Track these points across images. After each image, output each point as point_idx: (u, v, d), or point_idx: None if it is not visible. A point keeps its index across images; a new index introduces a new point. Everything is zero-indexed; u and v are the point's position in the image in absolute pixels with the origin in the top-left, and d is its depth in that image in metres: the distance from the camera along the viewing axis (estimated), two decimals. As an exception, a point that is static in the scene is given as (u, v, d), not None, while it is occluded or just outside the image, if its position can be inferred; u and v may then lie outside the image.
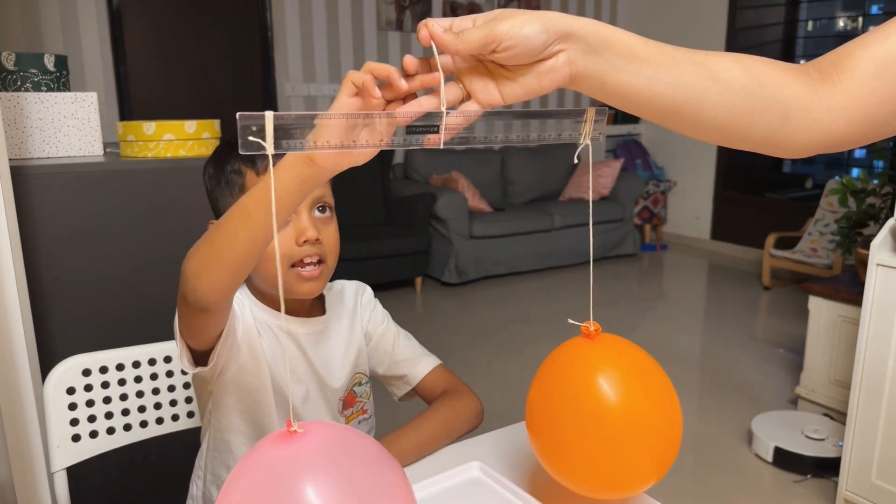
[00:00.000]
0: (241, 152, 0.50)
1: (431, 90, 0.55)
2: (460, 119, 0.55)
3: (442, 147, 0.56)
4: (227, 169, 0.89)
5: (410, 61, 0.53)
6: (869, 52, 0.56)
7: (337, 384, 0.98)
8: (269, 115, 0.50)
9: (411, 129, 0.55)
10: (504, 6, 5.21)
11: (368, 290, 1.08)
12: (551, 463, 0.72)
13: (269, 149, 0.51)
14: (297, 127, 0.52)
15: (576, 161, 0.65)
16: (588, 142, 0.61)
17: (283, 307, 0.55)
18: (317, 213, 0.89)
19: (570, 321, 0.72)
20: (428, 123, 0.55)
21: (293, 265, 0.87)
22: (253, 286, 0.95)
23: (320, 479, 0.49)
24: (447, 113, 0.55)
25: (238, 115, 0.49)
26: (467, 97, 0.56)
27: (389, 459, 0.56)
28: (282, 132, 0.51)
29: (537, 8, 5.39)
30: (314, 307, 0.99)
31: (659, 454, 0.69)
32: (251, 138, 0.50)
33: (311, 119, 0.52)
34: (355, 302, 1.04)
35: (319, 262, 0.89)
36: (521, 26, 0.50)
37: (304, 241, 0.85)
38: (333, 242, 0.90)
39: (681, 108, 0.56)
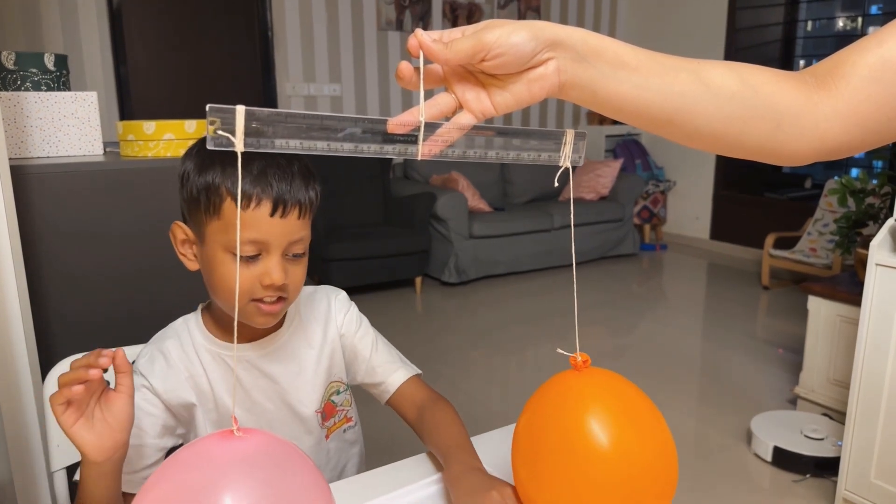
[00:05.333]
0: (207, 147, 0.48)
1: (429, 98, 0.56)
2: (455, 132, 0.55)
3: (420, 158, 0.56)
4: (209, 180, 0.80)
5: (405, 68, 0.53)
6: (864, 57, 0.56)
7: (308, 398, 0.95)
8: (239, 110, 0.48)
9: (389, 139, 0.54)
10: (503, 7, 5.20)
11: (342, 294, 1.03)
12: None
13: (239, 145, 0.49)
14: (269, 124, 0.50)
15: (556, 185, 0.64)
16: (568, 164, 0.61)
17: (235, 351, 0.55)
18: (290, 256, 0.83)
19: (560, 350, 0.70)
20: (416, 134, 0.55)
21: (253, 299, 0.82)
22: (212, 310, 0.91)
23: (239, 483, 0.52)
24: (436, 125, 0.55)
25: (208, 106, 0.47)
26: (460, 108, 0.56)
27: (316, 475, 0.57)
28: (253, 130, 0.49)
29: (537, 8, 5.39)
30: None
31: (652, 498, 0.65)
32: (220, 132, 0.48)
33: (283, 117, 0.50)
34: (328, 306, 0.99)
35: (280, 298, 0.84)
36: (509, 35, 0.51)
37: (269, 285, 0.80)
38: (299, 280, 0.85)
39: (673, 115, 0.56)
